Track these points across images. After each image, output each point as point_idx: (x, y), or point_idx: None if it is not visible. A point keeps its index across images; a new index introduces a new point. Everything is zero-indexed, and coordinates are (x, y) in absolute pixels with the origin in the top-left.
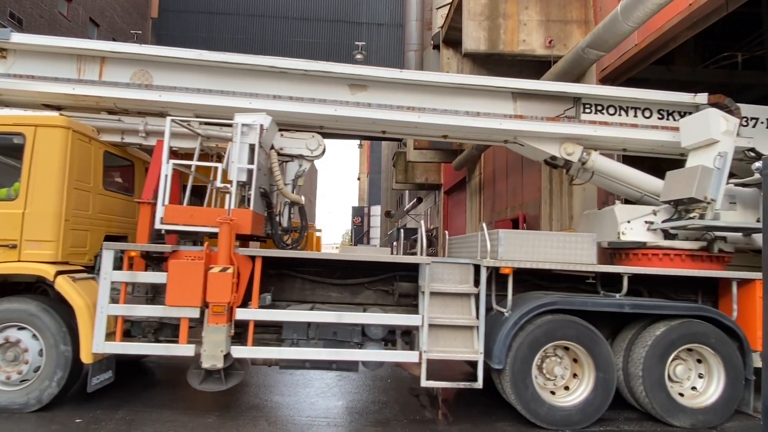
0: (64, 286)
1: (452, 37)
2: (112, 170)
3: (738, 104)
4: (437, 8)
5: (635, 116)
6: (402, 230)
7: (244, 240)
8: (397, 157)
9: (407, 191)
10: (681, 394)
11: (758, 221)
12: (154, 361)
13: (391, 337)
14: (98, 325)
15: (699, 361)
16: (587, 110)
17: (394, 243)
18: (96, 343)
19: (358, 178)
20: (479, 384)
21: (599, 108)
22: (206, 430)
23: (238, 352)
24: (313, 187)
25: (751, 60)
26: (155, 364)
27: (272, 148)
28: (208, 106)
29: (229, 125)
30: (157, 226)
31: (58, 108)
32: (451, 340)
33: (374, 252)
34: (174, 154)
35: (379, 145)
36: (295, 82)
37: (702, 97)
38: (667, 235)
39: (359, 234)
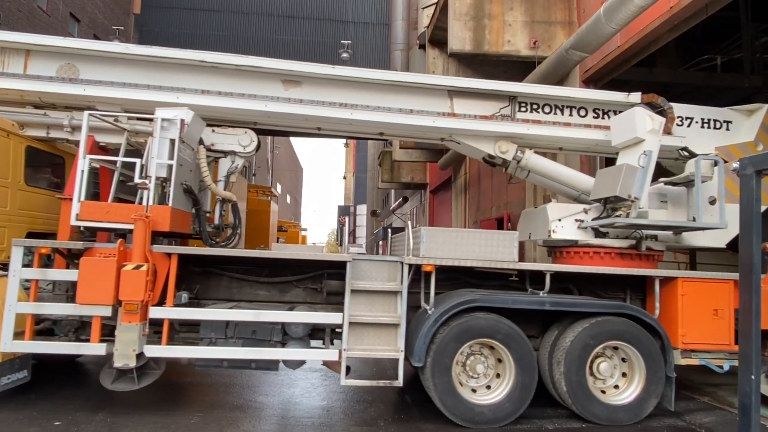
0: None
1: (438, 37)
2: (41, 166)
3: (672, 104)
4: (423, 8)
5: (570, 115)
6: (389, 230)
7: (173, 237)
8: (383, 156)
9: (393, 190)
10: (603, 391)
11: (694, 219)
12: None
13: (322, 335)
14: (6, 323)
15: (624, 360)
16: (523, 109)
17: (380, 242)
18: (3, 342)
19: (344, 177)
20: (399, 382)
21: (535, 107)
22: (189, 431)
23: (151, 351)
24: (298, 185)
25: (730, 63)
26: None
27: (201, 143)
28: (135, 100)
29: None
30: (72, 222)
31: None
32: (376, 338)
33: (298, 249)
34: (104, 149)
35: (365, 143)
36: (227, 77)
37: (636, 97)
38: (598, 233)
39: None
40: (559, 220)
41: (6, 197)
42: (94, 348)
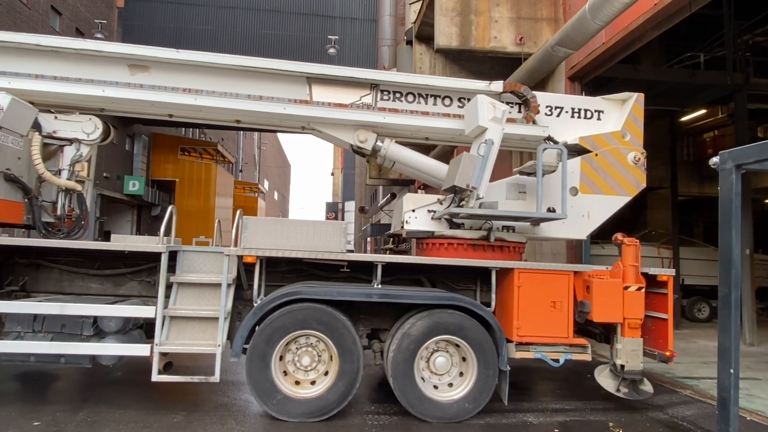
0: None
1: (425, 33)
2: None
3: (537, 93)
4: (410, 3)
5: (435, 104)
6: (377, 226)
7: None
8: None
9: (381, 187)
10: (435, 387)
11: (552, 210)
12: (125, 362)
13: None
14: None
15: (464, 359)
16: (385, 97)
17: (368, 239)
18: None
19: (332, 174)
20: (216, 378)
21: (398, 95)
22: (172, 430)
23: None
24: (286, 182)
25: (713, 60)
26: (122, 364)
27: (38, 130)
28: None
29: None
30: None
31: None
32: (200, 332)
33: (119, 241)
34: None
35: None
36: (71, 62)
37: (498, 85)
38: (453, 224)
39: None
40: (413, 210)
41: None
42: None
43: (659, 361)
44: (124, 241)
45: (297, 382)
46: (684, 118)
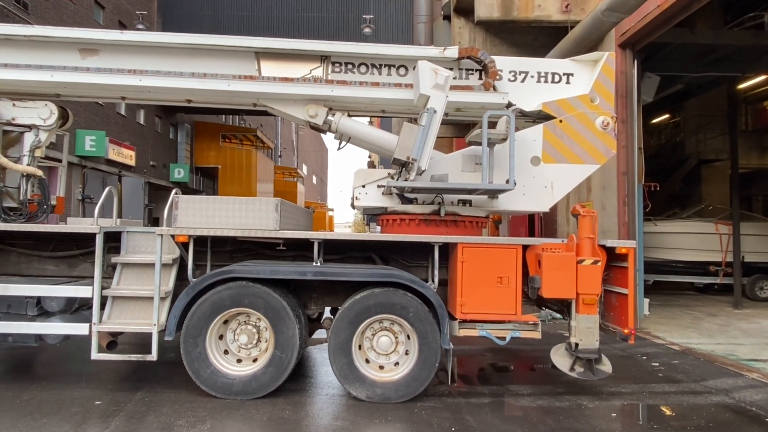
0: None
1: (464, 6)
2: None
3: (497, 57)
4: None
5: (389, 74)
6: None
7: None
8: None
9: None
10: (381, 367)
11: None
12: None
13: None
14: None
15: (409, 338)
16: (336, 69)
17: None
18: None
19: (369, 157)
20: (153, 356)
21: (350, 66)
22: (225, 410)
23: None
24: (324, 166)
25: None
26: (171, 346)
27: None
28: None
29: None
30: None
31: None
32: (140, 311)
33: (75, 224)
34: None
35: (389, 120)
36: (23, 49)
37: (453, 51)
38: (405, 199)
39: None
40: (363, 186)
41: None
42: None
43: (619, 339)
44: (80, 223)
45: (239, 360)
46: (742, 85)
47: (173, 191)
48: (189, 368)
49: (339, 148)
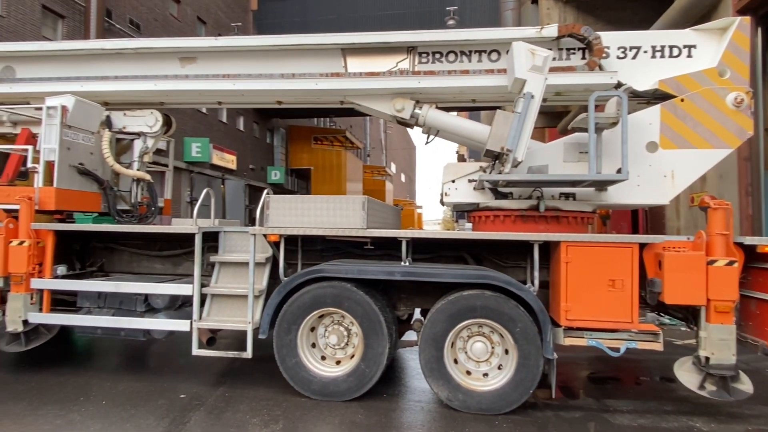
0: None
1: None
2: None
3: (603, 33)
4: None
5: (480, 61)
6: None
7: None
8: None
9: None
10: (468, 372)
11: (619, 172)
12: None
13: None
14: None
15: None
16: (424, 60)
17: None
18: None
19: (457, 152)
20: (248, 354)
21: (438, 56)
22: (299, 410)
23: (34, 317)
24: (412, 164)
25: None
26: (258, 345)
27: (107, 127)
28: (50, 92)
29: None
30: None
31: None
32: (236, 309)
33: (179, 224)
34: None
35: (477, 115)
36: (131, 61)
37: (551, 29)
38: (499, 194)
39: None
40: (453, 181)
41: None
42: None
43: (761, 353)
44: (183, 224)
45: (323, 357)
46: None
47: (264, 191)
48: (277, 353)
49: (427, 142)
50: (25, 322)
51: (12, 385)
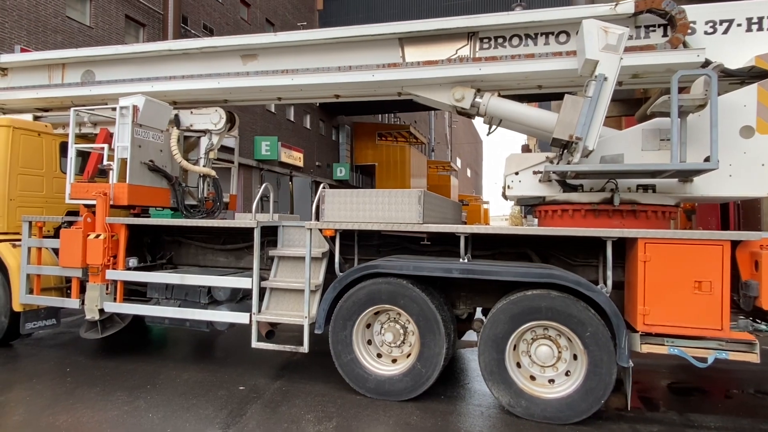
0: (2, 250)
1: None
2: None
3: (686, 6)
4: None
5: (546, 43)
6: None
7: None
8: None
9: None
10: (533, 377)
11: (707, 160)
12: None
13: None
14: (21, 281)
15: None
16: (485, 45)
17: None
18: (21, 295)
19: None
20: (305, 348)
21: (500, 40)
22: (354, 408)
23: (109, 307)
24: (478, 158)
25: None
26: (316, 340)
27: (176, 125)
28: (123, 93)
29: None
30: (66, 200)
31: (47, 110)
32: (294, 303)
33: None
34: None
35: (547, 105)
36: (197, 61)
37: (627, 5)
38: (567, 186)
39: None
40: (516, 173)
41: (41, 184)
42: (71, 302)
43: None
44: (244, 218)
45: (379, 355)
46: None
47: (321, 186)
48: (333, 349)
49: (489, 133)
50: (101, 311)
51: (89, 370)
